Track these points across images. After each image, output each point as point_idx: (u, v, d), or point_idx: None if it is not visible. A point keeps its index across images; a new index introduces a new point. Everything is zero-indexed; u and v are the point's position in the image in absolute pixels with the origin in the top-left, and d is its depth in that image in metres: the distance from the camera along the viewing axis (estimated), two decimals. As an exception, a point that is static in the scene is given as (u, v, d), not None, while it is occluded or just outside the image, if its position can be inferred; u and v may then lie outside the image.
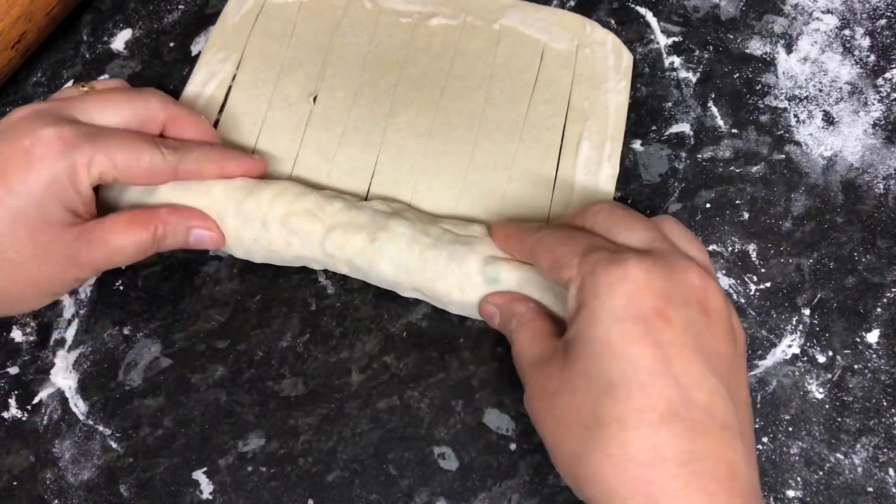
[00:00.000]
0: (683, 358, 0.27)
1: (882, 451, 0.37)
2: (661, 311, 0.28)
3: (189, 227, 0.37)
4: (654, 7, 0.46)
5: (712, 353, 0.28)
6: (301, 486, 0.37)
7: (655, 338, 0.28)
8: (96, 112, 0.35)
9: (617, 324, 0.28)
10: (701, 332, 0.28)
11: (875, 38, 0.45)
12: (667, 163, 0.43)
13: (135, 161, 0.35)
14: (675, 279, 0.29)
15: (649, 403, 0.27)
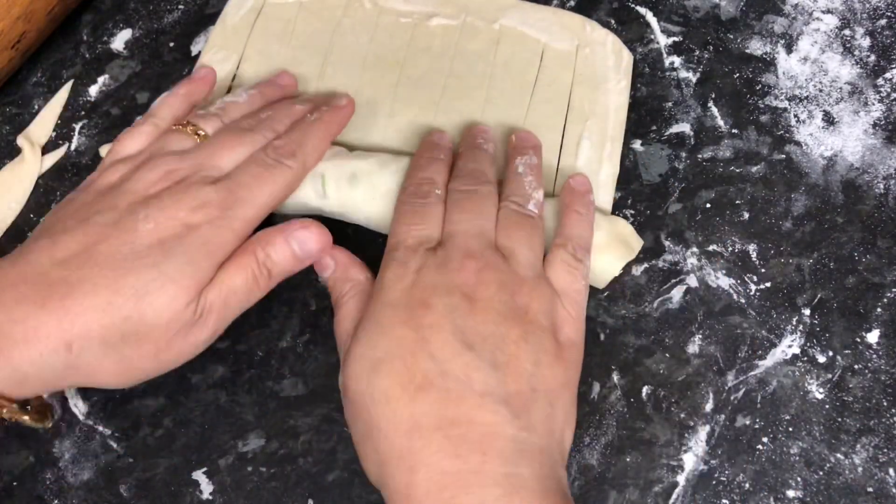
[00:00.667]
0: (440, 338, 0.31)
1: (882, 451, 0.37)
2: (425, 300, 0.32)
3: (286, 236, 0.36)
4: (654, 7, 0.46)
5: (473, 333, 0.31)
6: (301, 486, 0.37)
7: (417, 322, 0.32)
8: (225, 163, 0.36)
9: (390, 309, 0.33)
10: (462, 315, 0.32)
11: (875, 38, 0.45)
12: (667, 163, 0.43)
13: (274, 191, 0.36)
14: (446, 275, 0.33)
15: (408, 377, 0.31)
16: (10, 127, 0.46)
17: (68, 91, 0.47)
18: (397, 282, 0.33)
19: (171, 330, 0.33)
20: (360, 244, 0.39)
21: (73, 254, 0.32)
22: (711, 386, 0.38)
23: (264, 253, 0.35)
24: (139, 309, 0.32)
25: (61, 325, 0.31)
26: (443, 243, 0.35)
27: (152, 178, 0.35)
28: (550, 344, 0.33)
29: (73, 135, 0.46)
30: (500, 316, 0.32)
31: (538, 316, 0.33)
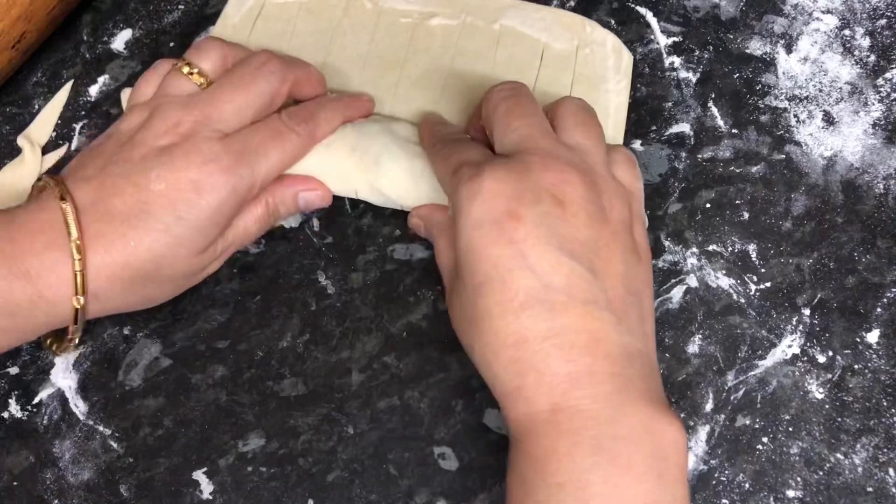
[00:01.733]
0: (538, 250, 0.30)
1: (882, 451, 0.37)
2: (512, 212, 0.31)
3: (296, 192, 0.39)
4: (654, 7, 0.46)
5: (570, 240, 0.31)
6: (301, 486, 0.37)
7: (510, 237, 0.31)
8: (232, 116, 0.36)
9: (475, 231, 0.31)
10: (555, 222, 0.31)
11: (875, 38, 0.45)
12: (667, 163, 0.43)
13: (283, 156, 0.37)
14: (528, 180, 0.32)
15: (509, 295, 0.30)
16: (10, 127, 0.46)
17: (68, 91, 0.47)
18: (476, 195, 0.32)
19: (187, 274, 0.37)
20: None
21: (90, 202, 0.34)
22: (711, 386, 0.38)
23: (274, 203, 0.38)
24: (157, 266, 0.35)
25: (84, 277, 0.34)
26: (511, 152, 0.34)
27: (161, 129, 0.36)
28: (631, 243, 0.33)
29: (74, 135, 0.46)
30: (591, 218, 0.32)
31: (621, 215, 0.33)
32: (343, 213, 0.42)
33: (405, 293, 0.40)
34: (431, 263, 0.41)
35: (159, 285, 0.36)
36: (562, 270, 0.30)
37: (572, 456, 0.29)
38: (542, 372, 0.30)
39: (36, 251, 0.33)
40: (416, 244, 0.41)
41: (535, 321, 0.30)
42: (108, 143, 0.37)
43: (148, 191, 0.34)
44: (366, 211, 0.42)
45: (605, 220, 0.32)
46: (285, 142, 0.37)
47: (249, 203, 0.38)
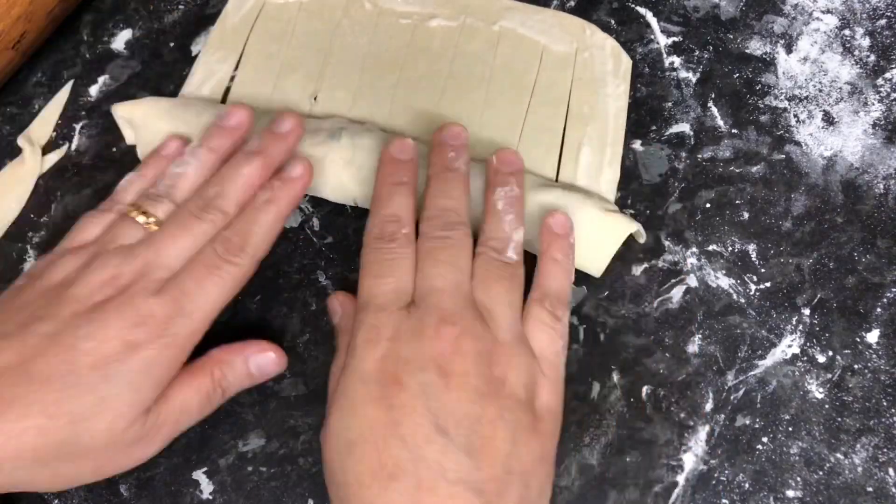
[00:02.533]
0: (412, 420, 0.30)
1: (882, 451, 0.37)
2: (397, 377, 0.31)
3: (245, 357, 0.36)
4: (654, 7, 0.46)
5: (447, 414, 0.30)
6: (301, 486, 0.37)
7: (389, 401, 0.30)
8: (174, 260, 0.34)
9: (361, 385, 0.31)
10: (436, 394, 0.30)
11: (875, 38, 0.45)
12: (667, 163, 0.43)
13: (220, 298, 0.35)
14: (419, 346, 0.31)
15: (380, 463, 0.29)
16: (10, 127, 0.46)
17: (68, 91, 0.47)
18: (370, 350, 0.32)
19: (111, 450, 0.32)
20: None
21: (8, 365, 0.31)
22: (711, 386, 0.38)
23: (221, 373, 0.35)
24: (76, 433, 0.31)
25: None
26: (416, 302, 0.33)
27: (96, 284, 0.33)
28: (527, 419, 0.32)
29: (74, 135, 0.46)
30: (476, 393, 0.31)
31: (515, 388, 0.32)
32: (343, 213, 0.42)
33: (405, 293, 0.40)
34: (431, 263, 0.41)
35: (76, 461, 0.32)
36: (434, 446, 0.30)
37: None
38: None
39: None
40: (416, 244, 0.41)
41: (400, 495, 0.29)
42: (33, 293, 0.34)
43: (75, 350, 0.31)
44: (366, 211, 0.42)
45: (493, 394, 0.31)
46: (223, 276, 0.34)
47: (192, 374, 0.35)
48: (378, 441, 0.30)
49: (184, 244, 0.35)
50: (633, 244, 0.41)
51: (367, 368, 0.31)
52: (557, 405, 0.34)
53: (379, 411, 0.30)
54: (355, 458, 0.30)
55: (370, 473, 0.30)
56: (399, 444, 0.30)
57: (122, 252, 0.35)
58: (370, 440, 0.30)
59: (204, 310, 0.34)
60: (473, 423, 0.30)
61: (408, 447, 0.30)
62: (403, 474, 0.29)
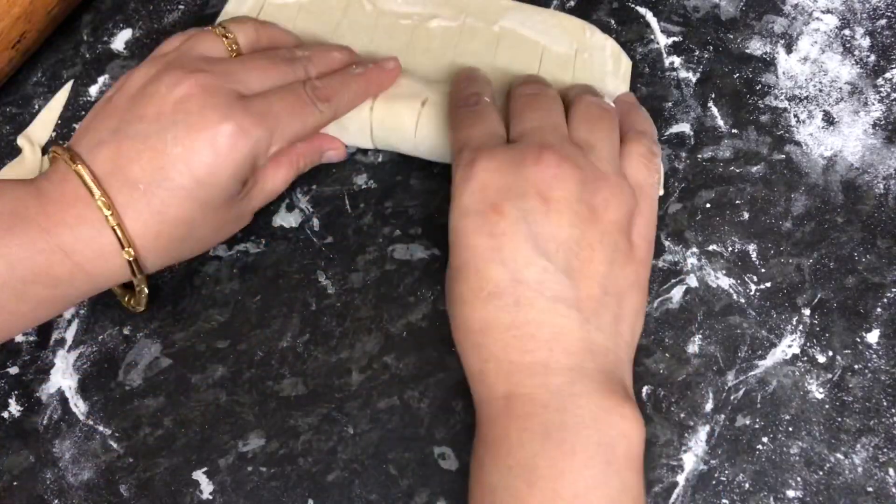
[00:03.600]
0: (513, 245, 0.31)
1: (882, 451, 0.37)
2: (496, 205, 0.32)
3: (322, 150, 0.40)
4: (654, 7, 0.46)
5: (548, 238, 0.32)
6: (301, 486, 0.37)
7: (490, 229, 0.32)
8: (255, 82, 0.36)
9: (463, 218, 0.33)
10: (536, 219, 0.32)
11: (875, 38, 0.45)
12: (667, 163, 0.43)
13: (301, 129, 0.37)
14: (518, 174, 0.32)
15: (480, 284, 0.32)
16: (10, 127, 0.46)
17: (68, 91, 0.47)
18: (468, 184, 0.33)
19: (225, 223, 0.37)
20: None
21: (109, 171, 0.33)
22: (711, 386, 0.38)
23: (302, 163, 0.39)
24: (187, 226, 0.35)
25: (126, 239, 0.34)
26: (515, 140, 0.34)
27: (175, 78, 0.35)
28: (624, 244, 0.33)
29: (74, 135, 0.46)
30: (577, 217, 0.32)
31: (616, 215, 0.33)
32: (343, 213, 0.42)
33: (405, 293, 0.40)
34: (431, 263, 0.41)
35: (201, 238, 0.37)
36: (534, 268, 0.31)
37: (521, 440, 0.30)
38: (500, 360, 0.31)
39: (69, 225, 0.33)
40: (416, 244, 0.41)
41: (499, 312, 0.31)
42: (119, 98, 0.35)
43: (165, 154, 0.33)
44: (366, 211, 0.42)
45: (594, 219, 0.32)
46: (306, 115, 0.37)
47: (279, 165, 0.38)
48: (479, 264, 0.32)
49: (269, 77, 0.37)
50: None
51: (467, 202, 0.33)
52: (652, 235, 0.35)
53: (481, 239, 0.32)
54: (458, 281, 0.32)
55: (471, 292, 0.32)
56: (499, 267, 0.31)
57: (204, 58, 0.36)
58: (472, 265, 0.32)
59: (282, 134, 0.36)
60: (573, 246, 0.32)
61: (508, 269, 0.31)
62: (503, 293, 0.31)
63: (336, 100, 0.38)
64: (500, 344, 0.31)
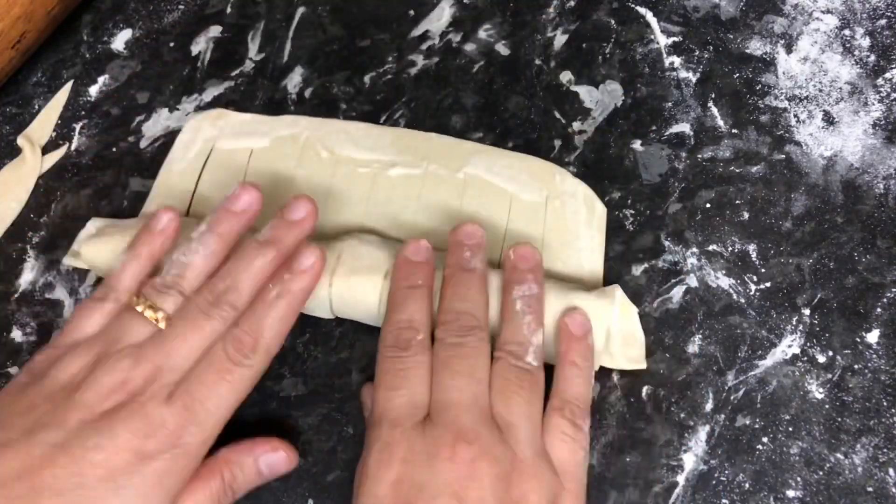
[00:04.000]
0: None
1: (882, 451, 0.37)
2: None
3: (255, 457, 0.35)
4: (654, 7, 0.46)
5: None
6: (301, 486, 0.37)
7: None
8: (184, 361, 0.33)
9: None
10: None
11: (875, 38, 0.45)
12: (667, 163, 0.43)
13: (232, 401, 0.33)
14: (434, 470, 0.30)
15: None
16: (10, 127, 0.46)
17: (68, 91, 0.47)
18: (383, 472, 0.31)
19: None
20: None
21: (15, 475, 0.30)
22: (711, 386, 0.38)
23: (231, 475, 0.34)
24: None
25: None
26: (432, 416, 0.32)
27: (105, 389, 0.32)
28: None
29: (74, 135, 0.46)
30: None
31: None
32: (343, 213, 0.42)
33: (405, 293, 0.40)
34: (431, 263, 0.41)
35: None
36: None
37: None
38: None
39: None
40: (416, 244, 0.41)
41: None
42: (38, 395, 0.32)
43: (84, 461, 0.30)
44: (366, 211, 0.42)
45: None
46: (235, 379, 0.33)
47: (201, 477, 0.33)
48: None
49: (194, 344, 0.33)
50: (632, 244, 0.41)
51: (381, 493, 0.30)
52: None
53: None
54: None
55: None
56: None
57: (131, 353, 0.33)
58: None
59: (216, 417, 0.33)
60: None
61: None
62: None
63: (262, 341, 0.34)
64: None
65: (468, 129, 0.44)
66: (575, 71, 0.45)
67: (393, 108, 0.45)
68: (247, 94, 0.46)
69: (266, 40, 0.47)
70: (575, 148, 0.43)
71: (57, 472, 0.30)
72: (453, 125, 0.44)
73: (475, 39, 0.46)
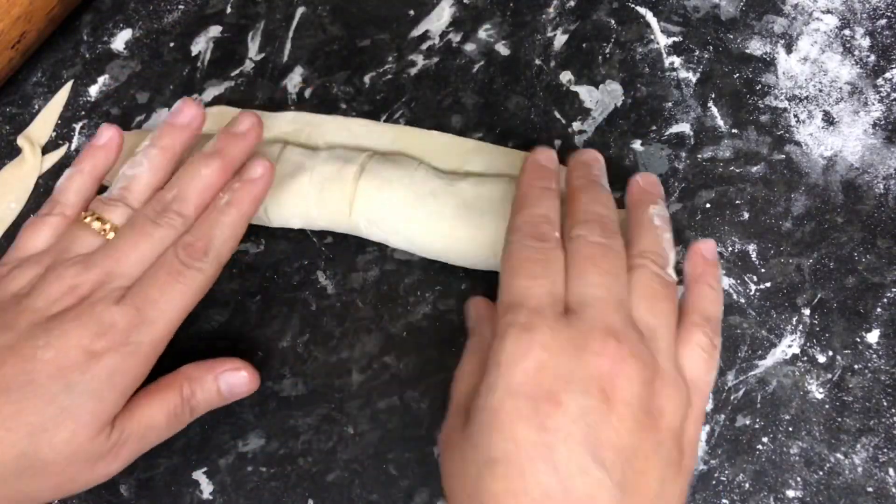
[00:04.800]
0: (567, 447, 0.27)
1: (882, 451, 0.37)
2: (554, 395, 0.28)
3: (215, 375, 0.35)
4: (654, 7, 0.46)
5: (606, 445, 0.27)
6: (301, 486, 0.37)
7: (542, 421, 0.27)
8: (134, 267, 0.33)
9: (509, 398, 0.28)
10: (597, 421, 0.27)
11: (875, 38, 0.45)
12: (667, 163, 0.43)
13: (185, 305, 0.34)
14: (581, 361, 0.28)
15: (524, 487, 0.27)
16: (10, 127, 0.46)
17: (68, 91, 0.47)
18: (520, 359, 0.28)
19: (73, 465, 0.31)
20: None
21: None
22: (711, 386, 0.38)
23: (190, 390, 0.34)
24: (35, 446, 0.30)
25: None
26: (575, 311, 0.30)
27: (54, 294, 0.32)
28: (676, 454, 0.30)
29: (74, 135, 0.46)
30: (637, 423, 0.28)
31: (672, 421, 0.29)
32: (343, 213, 0.42)
33: (405, 293, 0.40)
34: (432, 263, 0.41)
35: (35, 477, 0.31)
36: (587, 479, 0.27)
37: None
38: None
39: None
40: (416, 244, 0.41)
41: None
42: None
43: (34, 360, 0.31)
44: (366, 211, 0.42)
45: (652, 426, 0.29)
46: (187, 282, 0.33)
47: (160, 390, 0.34)
48: (524, 464, 0.27)
49: (143, 251, 0.34)
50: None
51: (518, 381, 0.28)
52: (698, 438, 0.32)
53: (529, 431, 0.27)
54: (495, 476, 0.27)
55: (510, 495, 0.27)
56: (549, 471, 0.27)
57: (80, 261, 0.33)
58: (515, 461, 0.27)
59: (168, 317, 0.33)
60: (630, 456, 0.28)
61: (559, 475, 0.27)
62: (549, 501, 0.27)
63: (213, 246, 0.34)
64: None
65: (468, 129, 0.44)
66: (575, 71, 0.45)
67: (393, 108, 0.45)
68: (247, 94, 0.46)
69: (266, 40, 0.47)
70: (575, 148, 0.43)
71: (6, 370, 0.30)
72: (453, 125, 0.44)
73: (475, 39, 0.46)
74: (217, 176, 0.36)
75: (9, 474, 0.30)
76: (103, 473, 0.33)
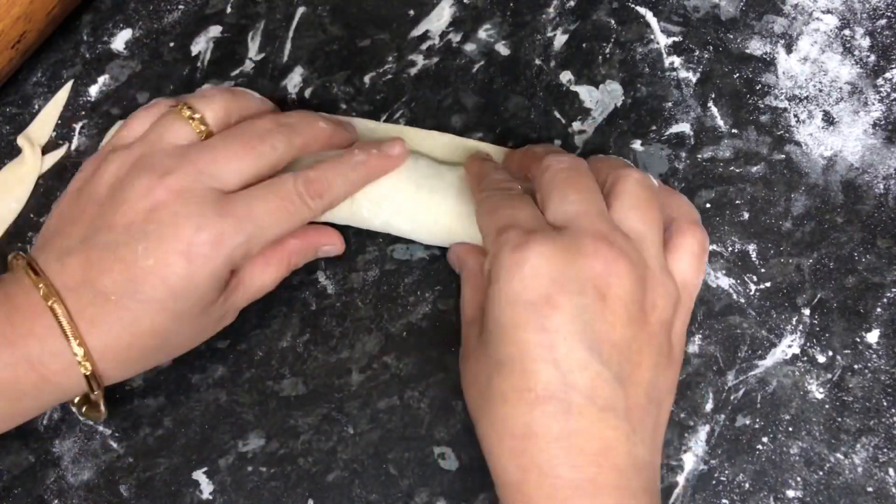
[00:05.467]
0: (567, 344, 0.29)
1: (882, 451, 0.37)
2: (550, 298, 0.29)
3: (318, 247, 0.38)
4: (654, 7, 0.46)
5: (603, 340, 0.29)
6: (301, 486, 0.37)
7: (542, 323, 0.29)
8: (232, 175, 0.33)
9: (509, 308, 0.30)
10: (592, 318, 0.29)
11: (875, 38, 0.45)
12: (667, 163, 0.43)
13: (289, 228, 0.35)
14: (575, 265, 0.30)
15: (527, 384, 0.29)
16: (10, 127, 0.46)
17: (68, 91, 0.47)
18: (517, 270, 0.30)
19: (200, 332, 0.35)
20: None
21: (77, 283, 0.32)
22: (711, 386, 0.38)
23: (295, 261, 0.37)
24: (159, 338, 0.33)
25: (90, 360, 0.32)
26: (562, 227, 0.31)
27: (145, 183, 0.32)
28: (667, 346, 0.32)
29: (74, 135, 0.46)
30: (630, 318, 0.30)
31: (663, 315, 0.31)
32: (343, 213, 0.42)
33: (405, 293, 0.40)
34: (431, 263, 0.41)
35: (176, 345, 0.35)
36: (587, 372, 0.29)
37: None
38: (545, 473, 0.29)
39: (37, 336, 0.31)
40: (416, 244, 0.41)
41: (547, 419, 0.29)
42: (88, 200, 0.33)
43: (137, 267, 0.31)
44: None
45: (644, 320, 0.30)
46: (294, 214, 0.34)
47: (268, 263, 0.36)
48: (528, 363, 0.29)
49: (243, 161, 0.33)
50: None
51: (516, 289, 0.30)
52: (685, 334, 0.34)
53: (530, 333, 0.29)
54: (502, 376, 0.30)
55: (515, 392, 0.29)
56: (550, 368, 0.29)
57: (172, 150, 0.34)
58: (519, 362, 0.29)
59: (264, 237, 0.34)
60: (625, 350, 0.30)
61: (560, 371, 0.29)
62: (552, 398, 0.29)
63: (330, 193, 0.35)
64: (546, 455, 0.29)
65: (468, 129, 0.44)
66: (575, 71, 0.45)
67: (393, 108, 0.45)
68: (247, 94, 0.46)
69: (266, 40, 0.47)
70: (575, 148, 0.43)
71: (115, 276, 0.31)
72: (453, 125, 0.44)
73: (475, 39, 0.46)
74: (329, 133, 0.37)
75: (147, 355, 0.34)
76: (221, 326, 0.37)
